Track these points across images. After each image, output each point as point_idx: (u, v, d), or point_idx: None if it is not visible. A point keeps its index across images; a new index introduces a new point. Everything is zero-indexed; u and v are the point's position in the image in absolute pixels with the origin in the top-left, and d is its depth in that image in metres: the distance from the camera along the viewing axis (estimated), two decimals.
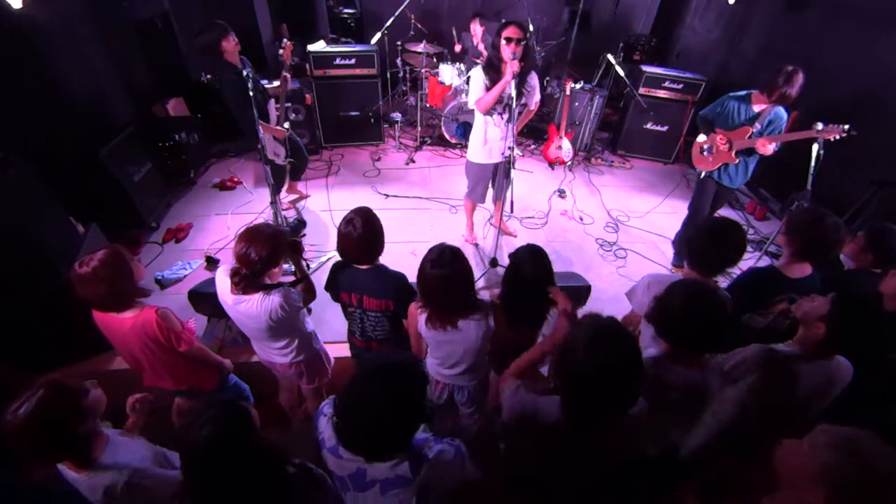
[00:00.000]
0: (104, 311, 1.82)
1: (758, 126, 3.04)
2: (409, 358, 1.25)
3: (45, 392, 1.29)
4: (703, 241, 1.89)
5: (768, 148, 2.94)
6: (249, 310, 1.89)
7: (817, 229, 1.92)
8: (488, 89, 2.95)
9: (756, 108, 3.07)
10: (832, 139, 2.75)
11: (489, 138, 3.17)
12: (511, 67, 2.77)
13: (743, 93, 3.13)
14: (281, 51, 3.44)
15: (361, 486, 1.23)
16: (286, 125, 3.64)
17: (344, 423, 1.16)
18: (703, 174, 3.38)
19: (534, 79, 3.07)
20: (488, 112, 3.02)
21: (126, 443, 1.54)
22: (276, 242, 1.83)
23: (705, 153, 3.35)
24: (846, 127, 2.69)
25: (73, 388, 1.36)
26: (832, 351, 1.56)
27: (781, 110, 3.04)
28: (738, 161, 3.20)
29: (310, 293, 2.13)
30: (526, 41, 2.84)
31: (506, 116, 3.05)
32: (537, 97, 3.19)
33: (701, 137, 3.34)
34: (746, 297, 2.02)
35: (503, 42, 2.79)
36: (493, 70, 2.93)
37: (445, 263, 1.69)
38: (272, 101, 3.57)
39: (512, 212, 3.25)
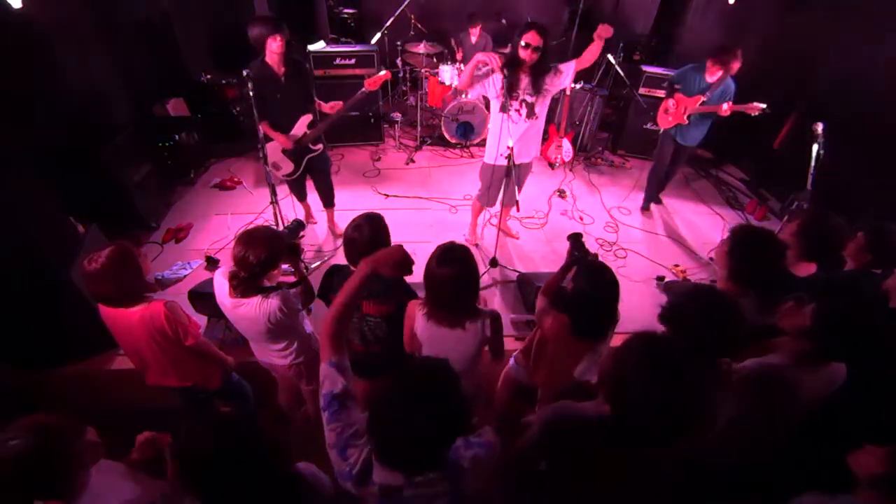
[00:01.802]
0: (112, 307, 1.82)
1: (708, 95, 3.64)
2: (443, 363, 1.15)
3: (33, 438, 1.18)
4: (744, 257, 1.83)
5: (723, 108, 3.53)
6: (248, 313, 1.88)
7: (826, 231, 1.96)
8: (498, 85, 2.94)
9: (709, 79, 3.66)
10: (753, 114, 3.47)
11: (504, 139, 3.10)
12: (493, 63, 2.82)
13: (698, 64, 3.76)
14: (381, 73, 3.26)
15: None
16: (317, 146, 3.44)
17: (380, 438, 1.08)
18: (662, 131, 4.07)
19: (557, 74, 3.00)
20: (503, 108, 3.00)
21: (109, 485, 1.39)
22: (274, 245, 1.83)
23: (667, 113, 3.97)
24: (763, 106, 3.41)
25: (65, 430, 1.24)
26: (824, 360, 1.56)
27: (731, 83, 3.64)
28: (688, 122, 3.81)
29: (308, 295, 2.12)
30: (545, 47, 2.83)
31: (524, 113, 3.05)
32: (567, 82, 3.09)
33: (670, 103, 3.95)
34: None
35: (521, 45, 2.80)
36: (511, 67, 2.92)
37: (455, 261, 1.68)
38: (306, 116, 3.31)
39: (518, 210, 3.25)
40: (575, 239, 2.22)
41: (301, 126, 3.31)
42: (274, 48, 3.01)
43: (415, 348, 1.96)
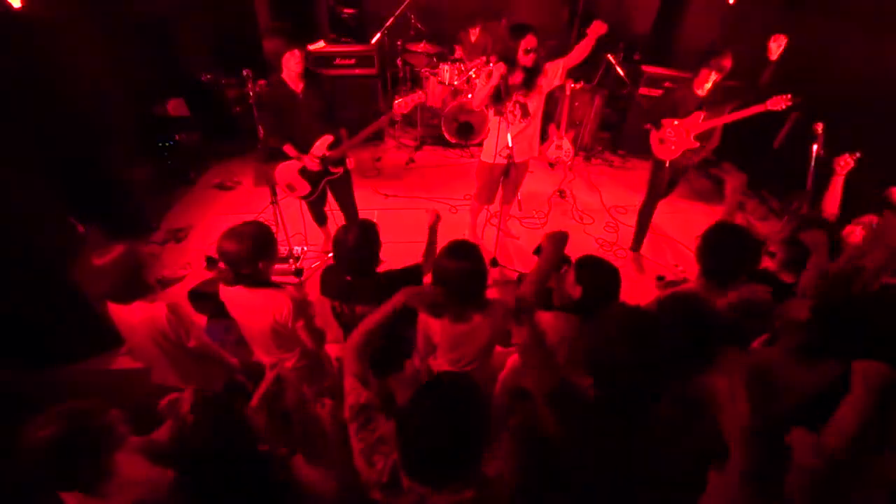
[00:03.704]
0: (113, 303, 1.85)
1: (706, 111, 3.26)
2: (466, 379, 1.17)
3: (67, 421, 1.23)
4: (722, 252, 1.81)
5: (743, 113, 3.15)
6: (254, 304, 1.90)
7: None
8: (497, 89, 2.93)
9: (700, 92, 3.25)
10: (780, 109, 3.02)
11: (501, 140, 3.11)
12: (497, 70, 2.82)
13: (679, 84, 3.45)
14: (399, 100, 2.89)
15: None
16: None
17: (407, 452, 1.10)
18: (668, 162, 3.54)
19: (545, 73, 3.02)
20: (498, 111, 3.02)
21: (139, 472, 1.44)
22: (250, 237, 1.82)
23: (665, 143, 3.48)
24: (790, 95, 2.98)
25: (99, 419, 1.29)
26: (818, 355, 1.55)
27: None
28: (699, 145, 3.41)
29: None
30: (539, 48, 2.85)
31: (519, 114, 3.07)
32: (557, 80, 3.09)
33: (667, 132, 3.46)
34: None
35: (522, 52, 2.82)
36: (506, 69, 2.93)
37: (464, 256, 1.70)
38: (327, 136, 3.02)
39: (520, 210, 3.26)
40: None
41: (321, 147, 3.05)
42: (291, 65, 2.78)
43: (428, 352, 1.97)
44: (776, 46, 3.21)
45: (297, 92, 2.91)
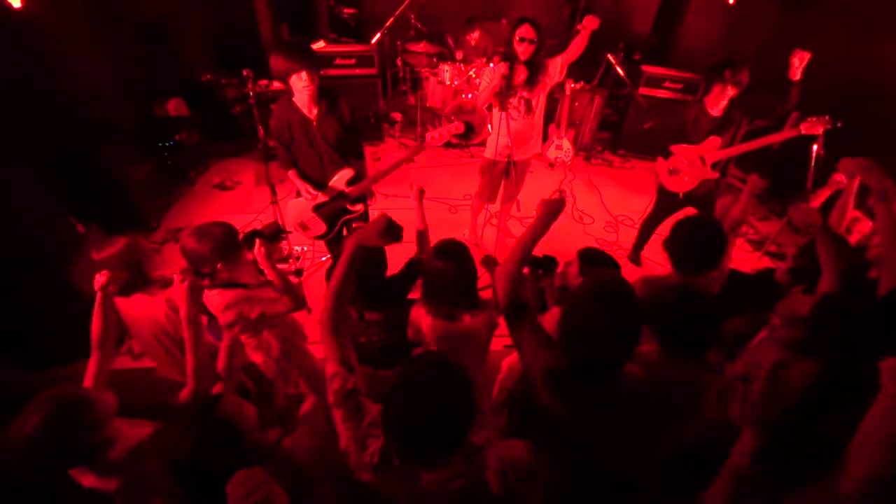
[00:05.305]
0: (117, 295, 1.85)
1: (725, 136, 2.85)
2: (444, 356, 1.16)
3: (47, 410, 1.24)
4: (683, 244, 1.90)
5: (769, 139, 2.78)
6: (211, 302, 1.89)
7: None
8: (500, 89, 2.93)
9: (713, 112, 2.85)
10: (817, 133, 2.65)
11: (503, 136, 3.11)
12: (498, 70, 2.82)
13: (689, 102, 3.11)
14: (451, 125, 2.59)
15: None
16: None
17: (394, 435, 1.09)
18: (660, 185, 3.17)
19: (548, 70, 3.03)
20: (502, 106, 3.02)
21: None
22: (212, 237, 1.79)
23: (677, 174, 3.06)
24: (828, 118, 2.61)
25: (77, 400, 1.30)
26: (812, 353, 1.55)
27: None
28: (719, 175, 2.96)
29: (292, 300, 1.97)
30: (539, 41, 2.86)
31: (522, 110, 3.08)
32: (557, 76, 3.07)
33: (679, 161, 3.04)
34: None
35: (516, 40, 2.83)
36: (508, 64, 2.93)
37: (452, 256, 1.70)
38: (346, 170, 2.69)
39: (519, 210, 3.27)
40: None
41: (339, 182, 2.69)
42: (300, 87, 2.39)
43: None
44: (798, 62, 2.64)
45: (312, 119, 2.54)
